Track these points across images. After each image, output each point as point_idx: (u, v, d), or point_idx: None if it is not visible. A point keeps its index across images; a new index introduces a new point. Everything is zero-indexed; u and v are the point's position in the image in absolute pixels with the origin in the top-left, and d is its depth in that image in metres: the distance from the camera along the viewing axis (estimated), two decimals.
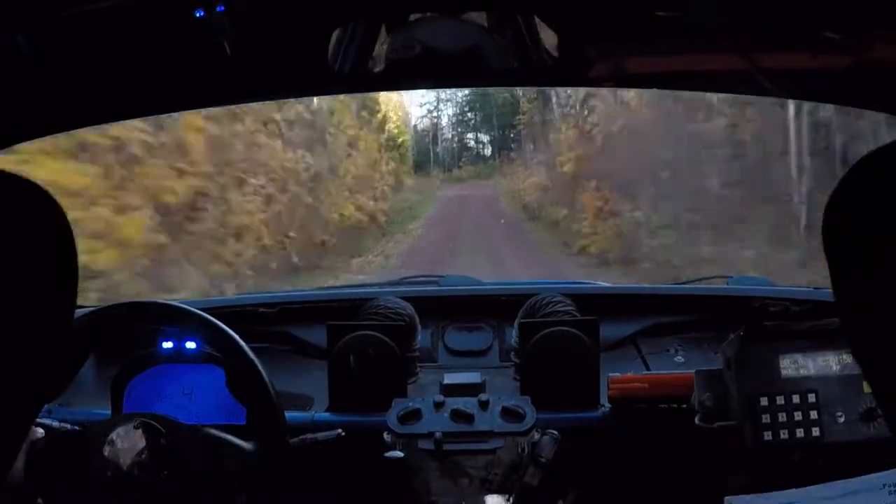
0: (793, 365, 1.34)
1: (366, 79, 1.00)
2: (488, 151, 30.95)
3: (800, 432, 1.31)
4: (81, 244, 0.65)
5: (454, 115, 32.04)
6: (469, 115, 31.68)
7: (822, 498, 1.18)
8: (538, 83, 1.42)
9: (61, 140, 5.69)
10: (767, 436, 1.31)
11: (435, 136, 31.24)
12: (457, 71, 0.97)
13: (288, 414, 1.34)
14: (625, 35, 0.89)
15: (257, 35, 0.91)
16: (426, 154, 30.20)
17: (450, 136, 31.95)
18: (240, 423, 1.44)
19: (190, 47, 0.94)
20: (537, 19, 0.89)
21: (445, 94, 29.42)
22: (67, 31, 0.83)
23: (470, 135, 31.81)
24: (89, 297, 4.47)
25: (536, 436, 1.42)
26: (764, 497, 1.21)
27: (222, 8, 0.86)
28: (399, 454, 1.40)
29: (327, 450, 1.40)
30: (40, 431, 1.27)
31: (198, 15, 0.86)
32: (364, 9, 0.92)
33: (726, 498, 1.24)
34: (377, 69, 0.97)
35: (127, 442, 1.22)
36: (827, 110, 8.52)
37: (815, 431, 1.31)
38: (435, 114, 31.71)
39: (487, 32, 0.95)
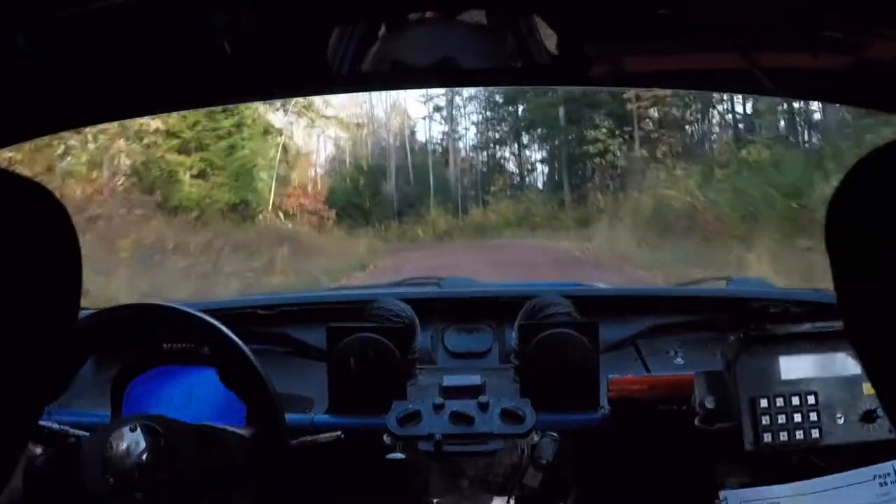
0: (792, 367, 1.34)
1: (366, 79, 1.00)
2: (536, 179, 16.07)
3: (799, 434, 1.31)
4: None
5: (483, 116, 16.90)
6: (506, 109, 16.77)
7: (814, 492, 1.19)
8: (538, 83, 1.42)
9: None
10: (767, 437, 1.31)
11: (446, 152, 17.05)
12: (458, 71, 0.97)
13: (288, 416, 1.34)
14: (625, 35, 0.89)
15: (257, 35, 0.91)
16: (423, 182, 16.43)
17: (468, 150, 16.99)
18: (239, 424, 1.44)
19: (190, 47, 0.94)
20: (537, 18, 0.89)
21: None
22: (67, 31, 0.83)
23: (506, 149, 16.57)
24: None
25: (536, 437, 1.42)
26: (757, 491, 1.22)
27: (222, 8, 0.86)
28: (400, 455, 1.40)
29: (327, 452, 1.40)
30: (38, 450, 1.27)
31: (198, 15, 0.86)
32: (364, 9, 0.92)
33: (721, 492, 1.24)
34: (377, 69, 0.97)
35: (127, 445, 1.22)
36: None
37: (815, 433, 1.31)
38: (444, 112, 17.18)
39: (488, 32, 0.95)
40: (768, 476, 1.30)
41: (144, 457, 1.23)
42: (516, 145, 16.49)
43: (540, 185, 15.72)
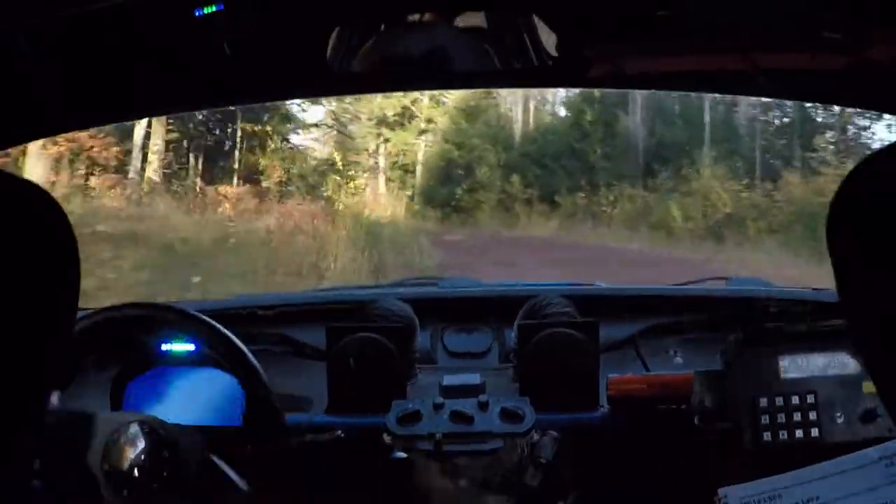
0: (792, 366, 1.35)
1: (366, 80, 1.00)
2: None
3: (799, 433, 1.32)
4: None
5: None
6: None
7: (817, 479, 1.15)
8: (537, 84, 1.42)
9: None
10: (767, 436, 1.31)
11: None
12: (457, 72, 0.97)
13: (287, 416, 1.34)
14: (625, 35, 0.89)
15: (257, 35, 0.91)
16: (695, 125, 9.35)
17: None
18: (237, 424, 1.44)
19: (190, 47, 0.94)
20: (537, 19, 0.89)
21: None
22: (67, 31, 0.83)
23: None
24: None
25: (536, 437, 1.42)
26: (756, 484, 1.20)
27: (222, 8, 0.86)
28: (405, 455, 1.40)
29: (327, 451, 1.40)
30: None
31: (198, 15, 0.86)
32: (364, 9, 0.92)
33: (720, 490, 1.23)
34: (376, 70, 0.97)
35: (128, 442, 1.22)
36: None
37: (815, 432, 1.32)
38: None
39: (488, 33, 0.95)
40: (768, 475, 1.30)
41: (143, 458, 1.23)
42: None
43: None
